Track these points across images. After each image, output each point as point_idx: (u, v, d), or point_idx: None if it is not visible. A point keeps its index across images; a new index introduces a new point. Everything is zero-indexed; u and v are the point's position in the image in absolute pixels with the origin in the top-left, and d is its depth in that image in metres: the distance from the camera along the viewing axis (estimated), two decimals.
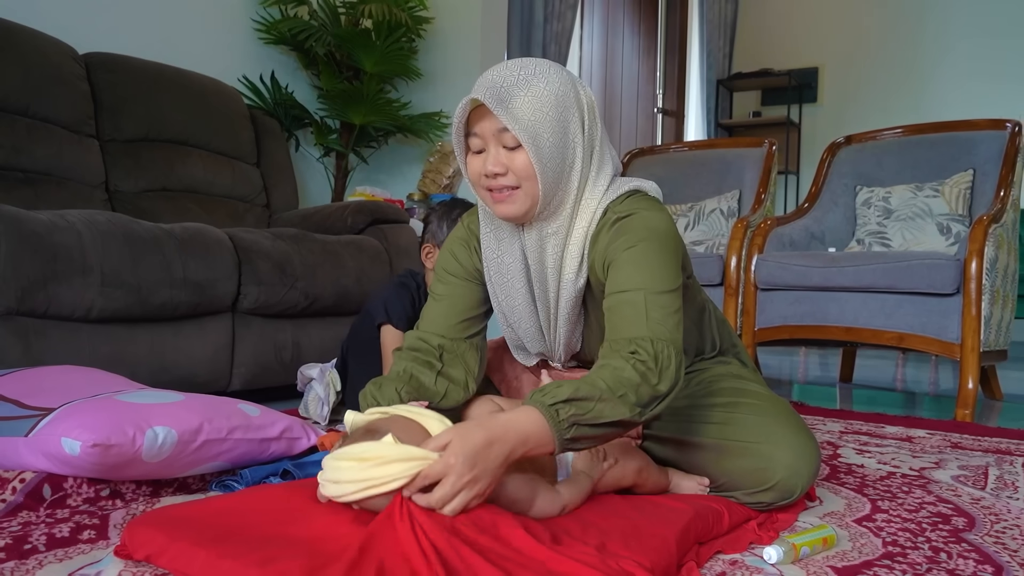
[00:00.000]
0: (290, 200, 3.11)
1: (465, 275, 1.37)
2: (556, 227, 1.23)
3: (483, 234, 1.32)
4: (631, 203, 1.22)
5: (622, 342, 1.12)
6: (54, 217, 1.82)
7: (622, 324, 1.14)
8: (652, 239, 1.18)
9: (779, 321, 2.81)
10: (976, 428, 2.22)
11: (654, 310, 1.13)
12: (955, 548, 1.15)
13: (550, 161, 1.16)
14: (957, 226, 2.90)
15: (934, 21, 6.02)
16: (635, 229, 1.19)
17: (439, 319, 1.35)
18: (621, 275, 1.17)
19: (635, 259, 1.17)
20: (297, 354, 2.35)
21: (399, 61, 3.41)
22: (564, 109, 1.17)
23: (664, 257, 1.18)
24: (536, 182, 1.16)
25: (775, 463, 1.20)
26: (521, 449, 1.00)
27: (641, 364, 1.09)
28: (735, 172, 3.57)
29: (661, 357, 1.10)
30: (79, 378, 1.49)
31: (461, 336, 1.35)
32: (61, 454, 1.19)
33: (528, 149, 1.14)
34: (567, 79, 1.19)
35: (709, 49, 6.17)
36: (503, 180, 1.17)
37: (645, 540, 1.02)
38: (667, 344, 1.12)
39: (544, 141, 1.15)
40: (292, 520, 1.03)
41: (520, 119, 1.13)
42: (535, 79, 1.15)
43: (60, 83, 2.43)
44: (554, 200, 1.20)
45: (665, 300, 1.15)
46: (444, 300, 1.36)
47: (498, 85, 1.14)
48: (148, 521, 1.04)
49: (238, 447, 1.34)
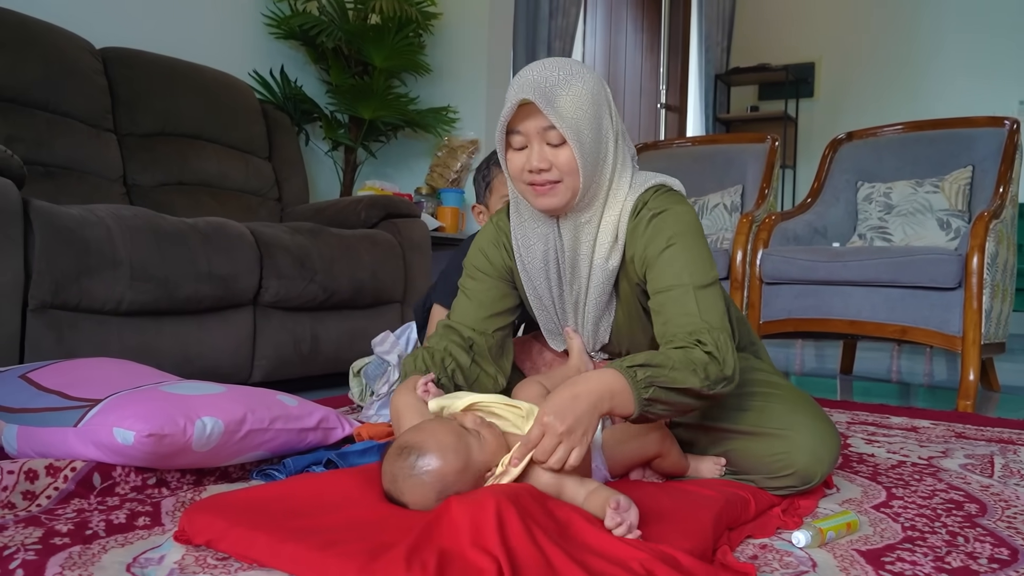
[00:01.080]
0: (301, 194, 3.14)
1: (495, 273, 1.42)
2: (589, 216, 1.29)
3: (513, 226, 1.37)
4: (663, 199, 1.29)
5: (681, 335, 1.19)
6: (84, 212, 1.86)
7: (675, 319, 1.21)
8: (687, 234, 1.26)
9: (784, 315, 2.87)
10: (978, 419, 2.29)
11: (703, 303, 1.21)
12: (971, 532, 1.21)
13: (590, 155, 1.23)
14: (957, 221, 2.97)
15: (928, 17, 6.09)
16: (670, 225, 1.26)
17: (468, 313, 1.41)
18: (666, 273, 1.24)
19: (676, 256, 1.24)
20: (315, 347, 2.39)
21: (408, 56, 3.45)
22: (599, 106, 1.24)
23: (701, 251, 1.26)
24: (578, 176, 1.23)
25: (797, 448, 1.26)
26: (607, 402, 1.09)
27: (706, 348, 1.17)
28: (738, 167, 3.63)
29: (720, 344, 1.18)
30: (117, 370, 1.53)
31: (489, 330, 1.41)
32: (113, 444, 1.23)
33: (572, 145, 1.20)
34: (597, 78, 1.27)
35: (707, 44, 6.22)
36: (547, 175, 1.23)
37: (682, 524, 1.07)
38: (721, 332, 1.19)
39: (585, 137, 1.22)
40: (347, 506, 1.07)
41: (565, 117, 1.19)
42: (574, 79, 1.22)
43: (79, 77, 2.46)
44: (589, 192, 1.27)
45: (710, 292, 1.23)
46: (474, 296, 1.42)
47: (543, 85, 1.20)
48: (206, 507, 1.08)
49: (279, 437, 1.38)
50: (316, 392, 2.41)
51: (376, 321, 2.61)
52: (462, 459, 1.08)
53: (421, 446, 1.09)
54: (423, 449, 1.08)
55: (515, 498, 1.01)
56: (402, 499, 1.08)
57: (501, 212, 1.45)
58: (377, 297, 2.59)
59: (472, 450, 1.09)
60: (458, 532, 0.94)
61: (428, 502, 1.07)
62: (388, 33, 3.34)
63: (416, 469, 1.07)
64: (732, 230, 3.35)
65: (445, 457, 1.07)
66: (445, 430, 1.11)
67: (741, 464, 1.31)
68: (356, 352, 2.54)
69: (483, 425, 1.13)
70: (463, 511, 0.97)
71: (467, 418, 1.14)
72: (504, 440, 1.14)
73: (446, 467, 1.07)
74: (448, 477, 1.07)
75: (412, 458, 1.08)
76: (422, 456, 1.08)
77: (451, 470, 1.07)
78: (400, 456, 1.09)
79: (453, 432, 1.11)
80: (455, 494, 1.06)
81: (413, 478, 1.07)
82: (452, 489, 1.07)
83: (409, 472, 1.07)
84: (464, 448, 1.09)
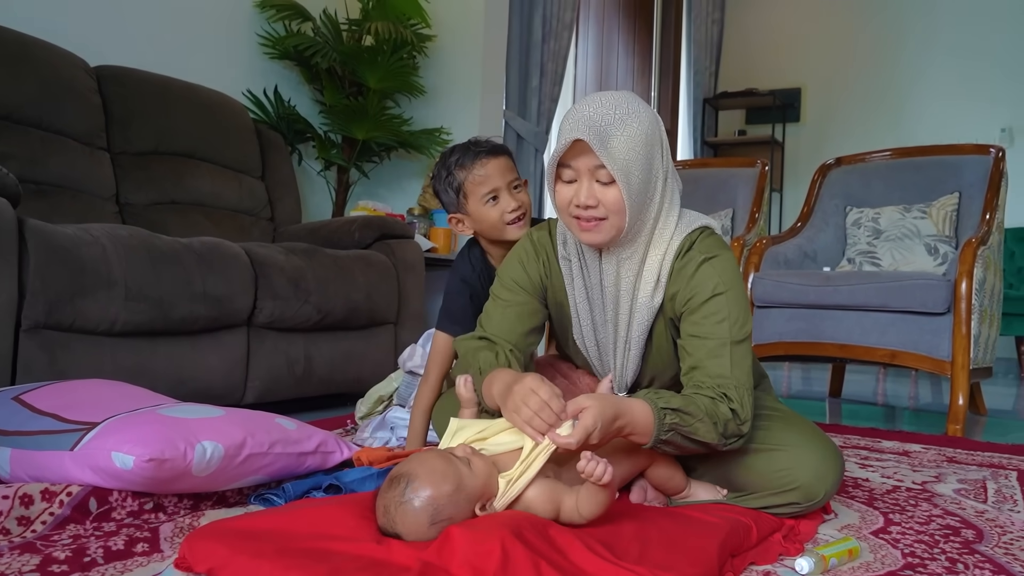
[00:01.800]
0: (294, 214, 3.14)
1: (531, 288, 1.43)
2: (631, 252, 1.31)
3: (560, 256, 1.40)
4: (711, 243, 1.32)
5: (710, 381, 1.25)
6: (79, 231, 1.85)
7: (706, 367, 1.27)
8: (733, 287, 1.30)
9: (775, 338, 2.89)
10: (968, 443, 2.31)
11: (735, 357, 1.26)
12: (970, 559, 1.22)
13: (638, 196, 1.25)
14: (944, 247, 3.01)
15: (911, 45, 6.19)
16: (718, 273, 1.29)
17: (505, 325, 1.40)
18: (707, 322, 1.28)
19: (719, 307, 1.28)
20: (309, 368, 2.38)
21: (402, 77, 3.46)
22: (651, 147, 1.25)
23: (743, 304, 1.31)
24: (624, 216, 1.24)
25: (800, 464, 1.29)
26: (629, 429, 1.16)
27: (731, 407, 1.23)
28: (728, 191, 3.67)
29: (744, 403, 1.24)
30: (112, 392, 1.52)
31: (525, 348, 1.42)
32: (111, 468, 1.22)
33: (621, 186, 1.22)
34: (653, 117, 1.27)
35: (695, 68, 6.29)
36: (593, 212, 1.24)
37: (687, 551, 1.07)
38: (746, 391, 1.25)
39: (635, 178, 1.23)
40: (351, 536, 1.06)
41: (616, 158, 1.21)
42: (630, 119, 1.22)
43: (73, 95, 2.45)
44: (633, 230, 1.28)
45: (743, 347, 1.28)
46: (511, 307, 1.41)
47: (598, 124, 1.21)
48: (207, 534, 1.07)
49: (278, 461, 1.37)
50: (309, 414, 2.40)
51: (370, 342, 2.60)
52: (452, 483, 1.08)
53: (410, 474, 1.09)
54: (412, 476, 1.09)
55: (517, 530, 1.01)
56: (395, 530, 1.08)
57: (540, 230, 1.45)
58: (371, 318, 2.58)
59: (463, 476, 1.10)
60: (463, 562, 0.94)
61: (422, 530, 1.06)
62: (382, 54, 3.36)
63: (406, 496, 1.07)
64: None
65: (434, 481, 1.08)
66: (434, 456, 1.13)
67: (744, 481, 1.33)
68: (350, 374, 2.53)
69: (472, 454, 1.15)
70: (466, 540, 0.96)
71: (456, 449, 1.16)
72: (494, 467, 1.15)
73: (435, 492, 1.07)
74: (439, 501, 1.07)
75: (402, 486, 1.08)
76: (412, 483, 1.08)
77: (441, 494, 1.07)
78: (391, 487, 1.10)
79: (442, 458, 1.12)
80: (448, 521, 1.06)
81: (404, 505, 1.07)
82: (445, 514, 1.07)
83: (400, 500, 1.07)
84: (454, 473, 1.10)
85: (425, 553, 0.98)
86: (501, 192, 1.56)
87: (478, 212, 1.58)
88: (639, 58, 5.90)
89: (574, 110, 1.24)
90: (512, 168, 1.60)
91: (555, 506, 1.15)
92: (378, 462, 1.45)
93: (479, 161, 1.57)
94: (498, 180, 1.56)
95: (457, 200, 1.60)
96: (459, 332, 1.57)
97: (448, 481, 1.08)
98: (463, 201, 1.59)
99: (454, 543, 0.98)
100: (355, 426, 2.13)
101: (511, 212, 1.56)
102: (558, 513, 1.15)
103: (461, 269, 1.69)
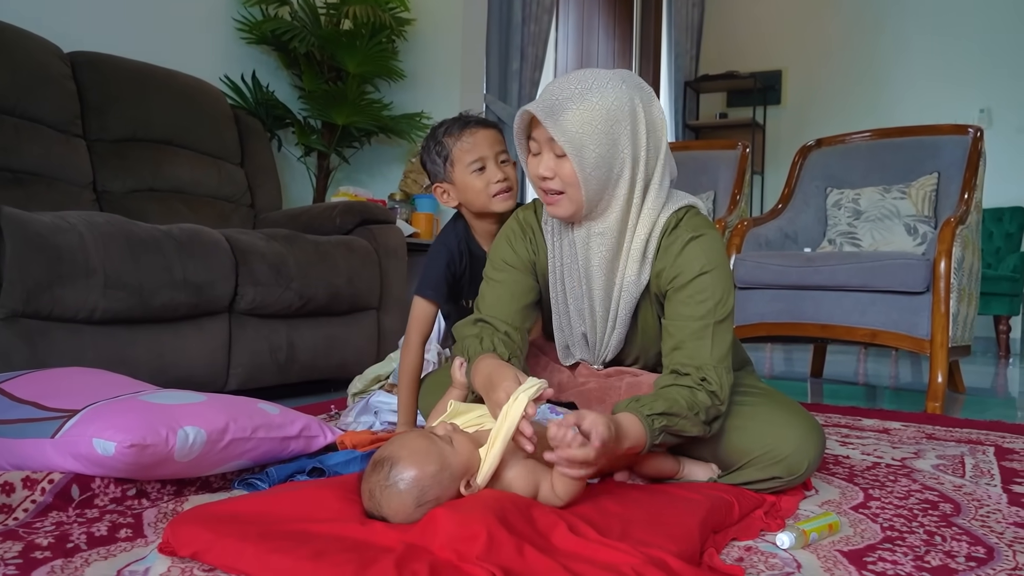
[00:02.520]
0: (274, 200, 3.12)
1: (521, 265, 1.43)
2: (603, 228, 1.30)
3: (545, 231, 1.41)
4: (698, 221, 1.33)
5: (691, 368, 1.27)
6: (56, 219, 1.82)
7: (688, 348, 1.29)
8: (720, 266, 1.31)
9: (757, 319, 2.91)
10: (946, 420, 2.34)
11: (716, 337, 1.28)
12: (947, 532, 1.24)
13: (594, 171, 1.24)
14: (923, 227, 3.03)
15: (890, 27, 6.22)
16: (706, 252, 1.30)
17: (499, 304, 1.41)
18: (691, 302, 1.29)
19: (704, 287, 1.29)
20: (291, 354, 2.37)
21: (381, 62, 3.44)
22: (615, 123, 1.23)
23: (727, 283, 1.32)
24: (579, 189, 1.25)
25: (783, 439, 1.32)
26: (626, 444, 1.18)
27: (710, 390, 1.26)
28: (709, 173, 3.68)
29: (723, 382, 1.27)
30: (92, 380, 1.51)
31: (522, 325, 1.41)
32: (93, 455, 1.21)
33: (572, 159, 1.22)
34: (625, 93, 1.24)
35: (676, 51, 6.29)
36: (551, 184, 1.27)
37: (668, 528, 1.08)
38: (724, 369, 1.29)
39: (589, 152, 1.23)
40: (335, 518, 1.06)
41: (567, 131, 1.21)
42: (591, 93, 1.22)
43: (47, 82, 2.42)
44: (599, 205, 1.29)
45: (724, 326, 1.30)
46: (503, 286, 1.42)
47: (554, 98, 1.23)
48: (191, 519, 1.07)
49: (261, 446, 1.37)
50: (293, 400, 2.39)
51: (353, 328, 2.60)
52: (435, 462, 1.09)
53: (393, 456, 1.09)
54: (395, 458, 1.09)
55: (501, 513, 1.01)
56: (381, 513, 1.08)
57: (526, 209, 1.47)
58: (353, 304, 2.58)
59: (446, 454, 1.11)
60: (447, 544, 0.94)
61: (408, 511, 1.07)
62: (361, 39, 3.33)
63: (391, 479, 1.07)
64: None
65: (418, 462, 1.08)
66: (415, 437, 1.13)
67: (729, 457, 1.35)
68: (333, 360, 2.53)
69: (454, 432, 1.16)
70: (451, 523, 0.97)
71: (438, 428, 1.17)
72: (475, 444, 1.15)
73: (420, 472, 1.07)
74: (424, 481, 1.07)
75: (386, 469, 1.08)
76: (396, 465, 1.08)
77: (425, 475, 1.08)
78: (374, 470, 1.10)
79: (424, 438, 1.12)
80: (435, 501, 1.07)
81: (389, 488, 1.07)
82: (431, 495, 1.07)
83: (385, 483, 1.07)
84: (437, 452, 1.10)
85: (409, 535, 0.98)
86: (488, 162, 1.58)
87: (464, 181, 1.59)
88: (620, 41, 5.89)
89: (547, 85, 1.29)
90: (501, 141, 1.62)
91: (535, 487, 1.16)
92: (362, 445, 1.45)
93: (468, 130, 1.59)
94: (486, 150, 1.58)
95: (444, 168, 1.61)
96: (432, 297, 1.64)
97: (432, 461, 1.09)
98: (450, 169, 1.60)
99: (438, 525, 0.99)
100: (338, 412, 2.13)
101: (496, 183, 1.58)
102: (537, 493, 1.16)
103: (444, 237, 1.70)
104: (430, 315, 1.68)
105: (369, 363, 2.49)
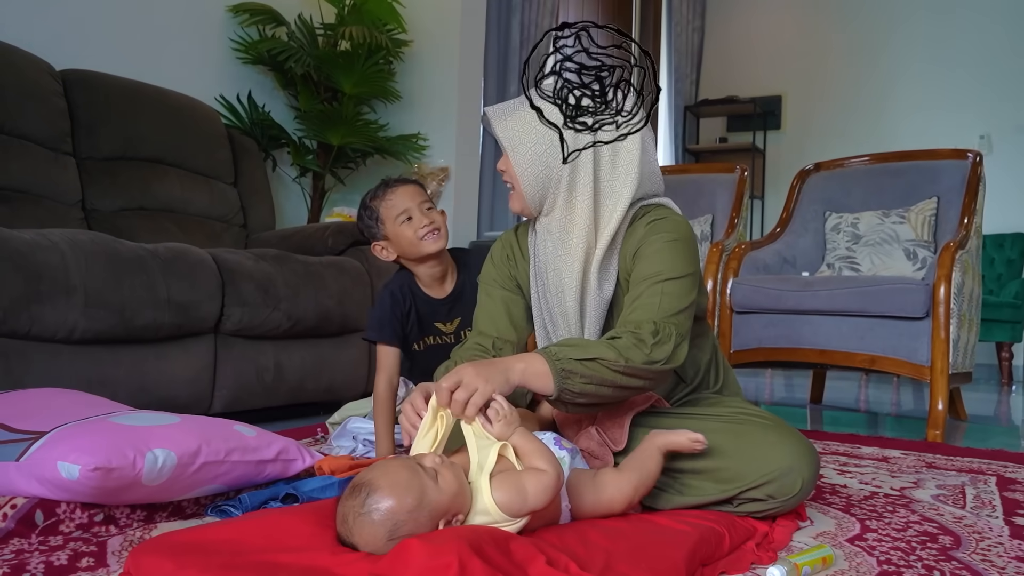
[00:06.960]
0: (267, 220, 3.09)
1: (502, 279, 1.52)
2: (548, 224, 1.37)
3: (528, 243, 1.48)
4: (663, 210, 1.39)
5: (628, 323, 1.27)
6: (36, 236, 1.79)
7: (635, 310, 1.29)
8: (680, 239, 1.34)
9: (754, 343, 2.86)
10: (947, 448, 2.28)
11: (666, 299, 1.28)
12: (946, 566, 1.18)
13: (531, 167, 1.33)
14: (923, 251, 3.00)
15: (890, 53, 6.23)
16: (668, 229, 1.34)
17: (488, 318, 1.50)
18: (644, 265, 1.32)
19: (661, 250, 1.32)
20: (279, 376, 2.32)
21: (378, 83, 3.43)
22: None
23: (686, 251, 1.33)
24: (520, 183, 1.35)
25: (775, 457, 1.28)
26: (518, 369, 1.17)
27: (636, 335, 1.23)
28: (707, 197, 3.65)
29: (661, 333, 1.24)
30: (66, 401, 1.46)
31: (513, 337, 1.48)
32: (57, 479, 1.16)
33: (509, 156, 1.34)
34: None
35: (676, 76, 6.30)
36: (505, 178, 1.39)
37: (653, 561, 1.03)
38: (670, 324, 1.26)
39: (525, 150, 1.32)
40: (303, 547, 1.02)
41: (507, 129, 1.33)
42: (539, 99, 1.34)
43: (37, 100, 2.40)
44: (545, 204, 1.37)
45: (677, 287, 1.29)
46: (491, 301, 1.51)
47: (511, 103, 1.36)
48: (153, 548, 1.02)
49: (235, 469, 1.32)
50: (279, 423, 2.35)
51: (342, 350, 2.55)
52: (414, 497, 1.02)
53: (372, 483, 1.03)
54: (374, 486, 1.02)
55: (476, 543, 0.96)
56: (352, 540, 1.02)
57: (510, 230, 1.55)
58: (343, 325, 2.54)
59: (427, 489, 1.03)
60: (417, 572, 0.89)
61: (378, 543, 1.01)
62: (358, 59, 3.32)
63: (365, 507, 1.01)
64: (702, 259, 3.35)
65: (397, 493, 1.01)
66: (399, 467, 1.05)
67: (721, 476, 1.30)
68: (322, 382, 2.48)
69: (443, 465, 1.08)
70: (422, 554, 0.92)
71: (427, 458, 1.09)
72: (464, 481, 1.09)
73: (397, 505, 1.01)
74: (399, 516, 1.01)
75: (363, 496, 1.02)
76: (373, 494, 1.02)
77: (402, 508, 1.01)
78: (352, 494, 1.04)
79: (408, 469, 1.05)
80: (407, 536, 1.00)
81: (363, 516, 1.01)
82: (403, 530, 1.01)
83: (360, 510, 1.01)
84: (418, 486, 1.03)
85: (378, 566, 0.93)
86: (413, 211, 1.76)
87: (396, 232, 1.77)
88: None
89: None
90: (422, 192, 1.81)
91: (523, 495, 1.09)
92: (340, 471, 1.40)
93: (390, 189, 1.79)
94: (408, 201, 1.76)
95: (377, 227, 1.79)
96: (378, 338, 1.80)
97: (411, 495, 1.02)
98: (382, 226, 1.79)
99: (409, 555, 0.94)
100: (325, 435, 2.08)
101: (423, 227, 1.75)
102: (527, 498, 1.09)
103: (388, 284, 1.88)
104: (391, 359, 1.80)
105: (359, 385, 2.45)
